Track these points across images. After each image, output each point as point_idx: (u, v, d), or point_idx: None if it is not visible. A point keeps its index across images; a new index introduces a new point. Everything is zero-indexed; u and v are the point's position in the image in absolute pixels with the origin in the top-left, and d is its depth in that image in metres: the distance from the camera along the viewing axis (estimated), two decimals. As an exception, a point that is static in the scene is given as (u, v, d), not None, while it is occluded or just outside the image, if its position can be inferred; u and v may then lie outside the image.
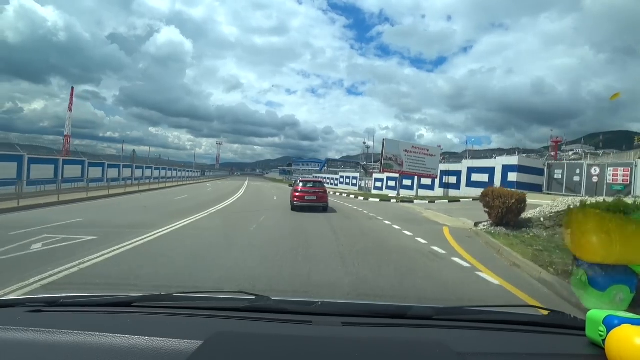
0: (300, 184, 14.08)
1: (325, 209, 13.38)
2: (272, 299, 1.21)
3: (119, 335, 0.89)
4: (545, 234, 7.42)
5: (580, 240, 3.19)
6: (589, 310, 0.95)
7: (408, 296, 3.84)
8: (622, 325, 0.81)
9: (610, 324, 0.84)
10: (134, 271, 4.54)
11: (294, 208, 13.16)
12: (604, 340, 0.84)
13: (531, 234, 7.52)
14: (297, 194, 13.29)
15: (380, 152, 25.65)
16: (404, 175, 26.28)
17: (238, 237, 7.36)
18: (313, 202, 13.25)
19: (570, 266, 3.79)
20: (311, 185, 14.13)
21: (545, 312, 1.19)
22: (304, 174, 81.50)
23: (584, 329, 0.95)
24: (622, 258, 2.82)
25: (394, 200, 20.87)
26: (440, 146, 34.00)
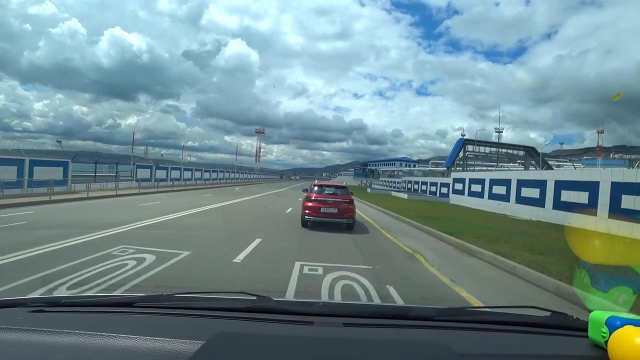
0: (315, 189, 9.93)
1: (350, 226, 9.40)
2: (274, 299, 1.21)
3: (120, 335, 0.89)
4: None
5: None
6: (591, 311, 0.95)
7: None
8: (624, 326, 0.81)
9: (612, 325, 0.84)
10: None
11: (305, 224, 9.42)
12: (606, 342, 0.84)
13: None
14: (310, 204, 9.36)
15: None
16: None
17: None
18: (332, 217, 9.20)
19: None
20: (330, 192, 9.85)
21: (547, 313, 1.18)
22: (405, 176, 49.25)
23: (586, 330, 0.95)
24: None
25: None
26: None
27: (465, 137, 39.39)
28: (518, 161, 40.09)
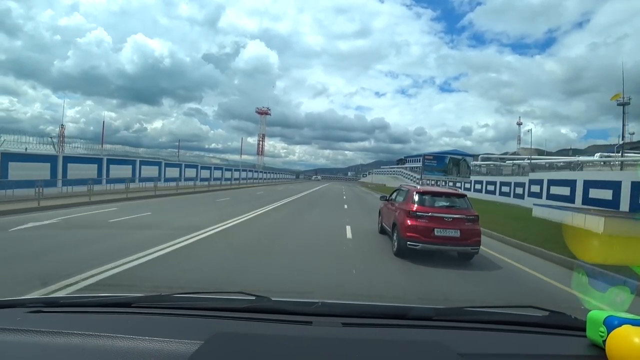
0: (417, 198, 6.43)
1: (470, 257, 6.23)
2: (272, 299, 1.21)
3: (119, 335, 0.89)
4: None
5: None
6: (589, 311, 0.95)
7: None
8: (622, 325, 0.81)
9: (610, 324, 0.84)
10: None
11: (403, 252, 6.09)
12: (604, 341, 0.84)
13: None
14: (414, 222, 6.07)
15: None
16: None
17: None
18: (452, 243, 6.00)
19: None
20: (446, 205, 6.40)
21: (546, 313, 1.19)
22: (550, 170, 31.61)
23: (584, 329, 0.95)
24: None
25: None
26: None
27: None
28: None
